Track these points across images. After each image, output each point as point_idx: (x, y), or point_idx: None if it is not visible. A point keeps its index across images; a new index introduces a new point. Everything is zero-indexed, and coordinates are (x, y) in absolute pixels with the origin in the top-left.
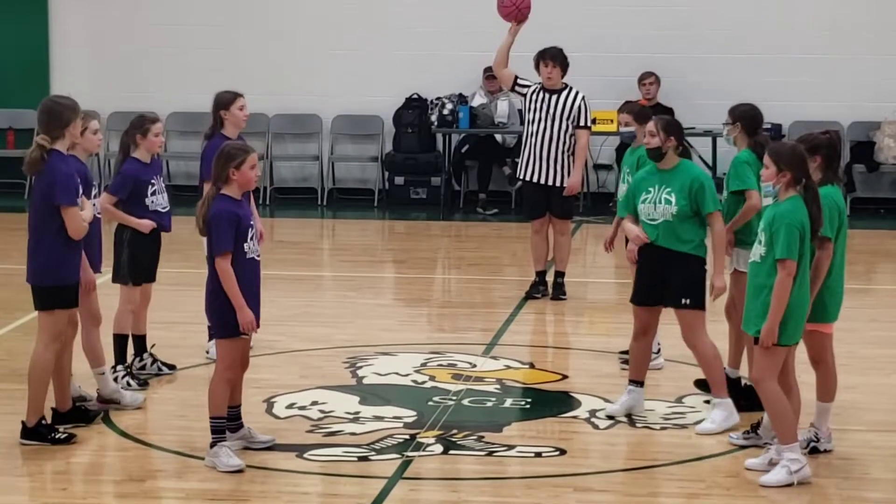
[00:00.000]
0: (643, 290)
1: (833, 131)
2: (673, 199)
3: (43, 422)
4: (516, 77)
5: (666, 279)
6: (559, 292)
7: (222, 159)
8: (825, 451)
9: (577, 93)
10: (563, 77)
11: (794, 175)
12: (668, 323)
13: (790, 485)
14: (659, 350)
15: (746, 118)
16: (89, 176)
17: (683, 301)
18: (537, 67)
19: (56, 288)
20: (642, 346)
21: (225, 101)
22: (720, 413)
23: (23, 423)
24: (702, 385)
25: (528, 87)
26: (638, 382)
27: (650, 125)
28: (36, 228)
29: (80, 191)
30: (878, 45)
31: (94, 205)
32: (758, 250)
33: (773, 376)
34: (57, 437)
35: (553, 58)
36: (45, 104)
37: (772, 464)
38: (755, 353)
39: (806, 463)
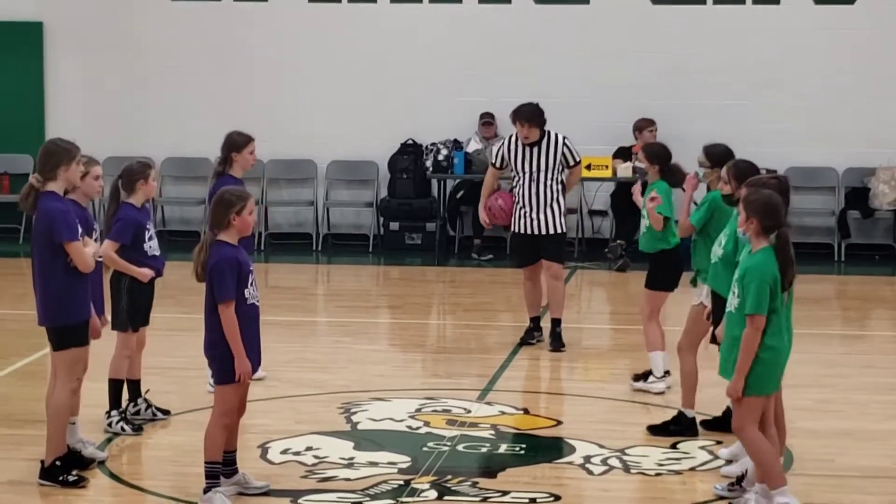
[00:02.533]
0: None
1: (783, 176)
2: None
3: (58, 463)
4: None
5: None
6: (558, 343)
7: (222, 206)
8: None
9: (555, 137)
10: (540, 130)
11: (760, 223)
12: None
13: None
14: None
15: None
16: (90, 220)
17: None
18: (514, 124)
19: (69, 327)
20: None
21: (238, 143)
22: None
23: (41, 462)
24: (711, 426)
25: (504, 142)
26: None
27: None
28: (42, 270)
29: (80, 230)
30: (873, 91)
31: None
32: (733, 301)
33: (753, 424)
34: (68, 479)
35: (528, 119)
36: (45, 145)
37: None
38: (733, 404)
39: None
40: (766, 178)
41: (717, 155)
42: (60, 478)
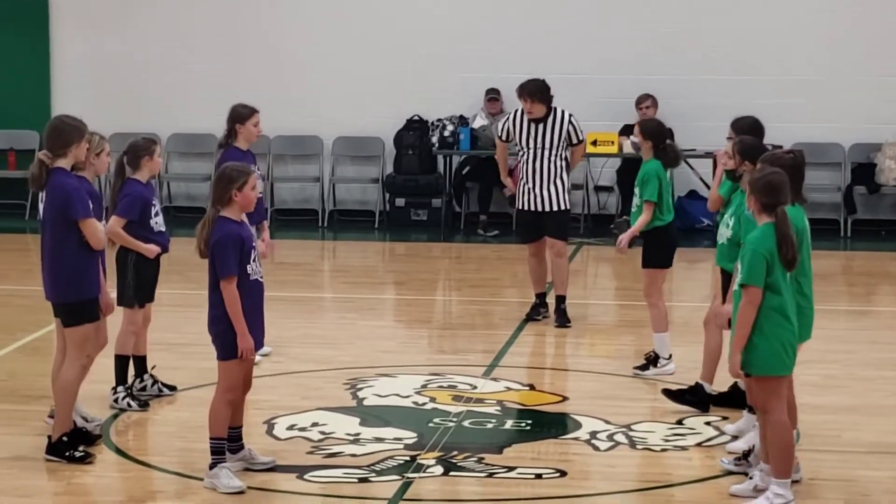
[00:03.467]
0: None
1: (798, 151)
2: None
3: (64, 439)
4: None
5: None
6: (564, 319)
7: (224, 181)
8: (794, 481)
9: (562, 114)
10: (546, 107)
11: (759, 201)
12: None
13: None
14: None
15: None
16: (100, 197)
17: None
18: (519, 99)
19: (81, 302)
20: None
21: (242, 115)
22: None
23: (48, 437)
24: (717, 401)
25: (510, 116)
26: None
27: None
28: (54, 246)
29: (91, 206)
30: (879, 67)
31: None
32: (736, 279)
33: (780, 406)
34: (74, 455)
35: (531, 94)
36: (52, 122)
37: (756, 490)
38: (753, 386)
39: (792, 499)
40: (781, 154)
41: (743, 128)
42: (67, 453)
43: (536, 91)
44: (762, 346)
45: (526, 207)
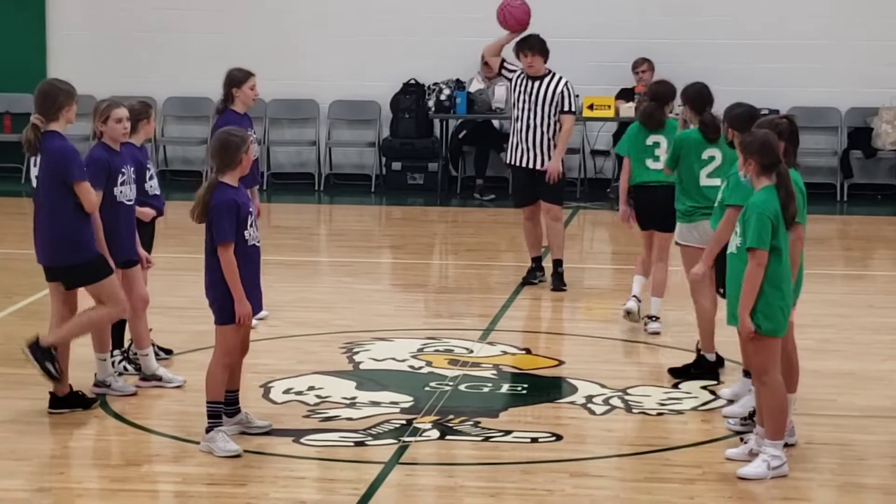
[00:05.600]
0: None
1: (792, 116)
2: None
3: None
4: (503, 60)
5: None
6: (560, 283)
7: (231, 147)
8: (788, 444)
9: (559, 78)
10: (544, 63)
11: (759, 162)
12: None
13: (764, 478)
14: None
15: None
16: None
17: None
18: (518, 57)
19: (86, 263)
20: None
21: (237, 79)
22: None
23: (51, 394)
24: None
25: (514, 71)
26: None
27: None
28: (50, 209)
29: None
30: (876, 31)
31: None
32: (734, 241)
33: (775, 367)
34: (86, 399)
35: (531, 48)
36: (42, 86)
37: (752, 454)
38: (751, 348)
39: (786, 461)
40: (777, 120)
41: (691, 94)
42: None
43: (536, 44)
44: (763, 309)
45: (519, 164)
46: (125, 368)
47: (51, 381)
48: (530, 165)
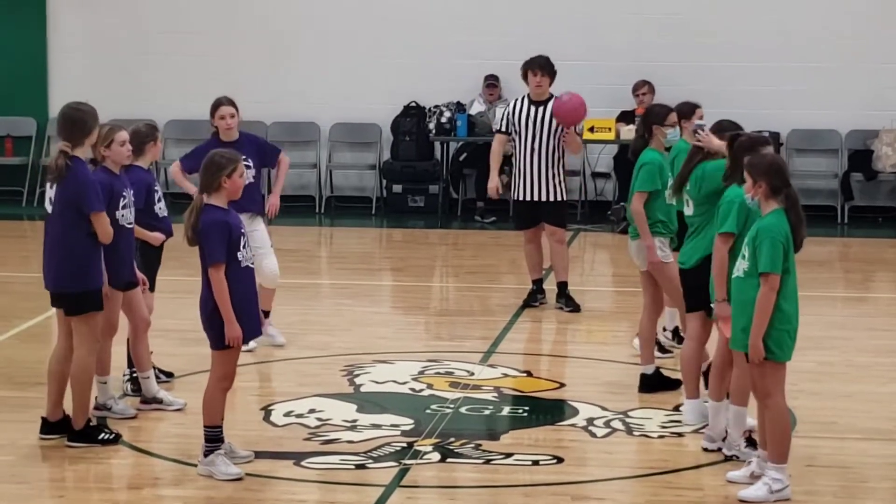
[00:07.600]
0: None
1: (770, 136)
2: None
3: (91, 423)
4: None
5: None
6: (572, 304)
7: (213, 168)
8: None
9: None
10: (550, 85)
11: (770, 185)
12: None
13: (765, 501)
14: None
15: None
16: (119, 186)
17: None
18: (525, 77)
19: (86, 293)
20: None
21: (210, 110)
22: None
23: (69, 426)
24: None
25: (509, 105)
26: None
27: None
28: (62, 236)
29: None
30: (876, 53)
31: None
32: (741, 265)
33: (780, 392)
34: (106, 438)
35: (542, 67)
36: (68, 112)
37: (753, 477)
38: (756, 372)
39: (788, 485)
40: (762, 139)
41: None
42: (100, 437)
43: (546, 64)
44: (771, 333)
45: (523, 197)
46: (129, 389)
47: (116, 443)
48: (534, 199)
